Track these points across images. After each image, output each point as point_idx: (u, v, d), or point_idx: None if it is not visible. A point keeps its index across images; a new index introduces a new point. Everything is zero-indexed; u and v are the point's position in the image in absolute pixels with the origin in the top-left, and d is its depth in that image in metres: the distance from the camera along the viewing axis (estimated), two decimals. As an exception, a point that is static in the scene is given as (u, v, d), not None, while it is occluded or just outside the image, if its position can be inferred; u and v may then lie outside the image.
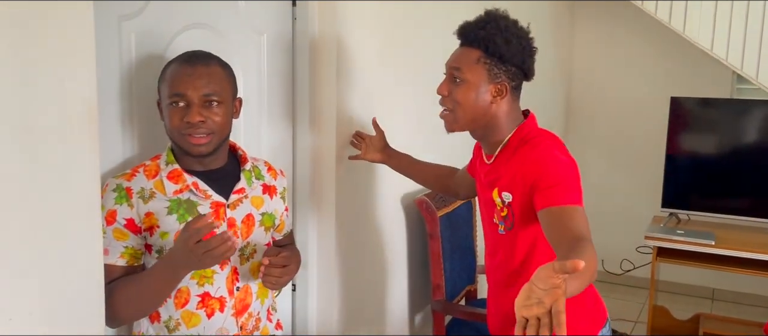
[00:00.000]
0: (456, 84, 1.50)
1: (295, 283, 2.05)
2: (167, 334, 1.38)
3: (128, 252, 1.34)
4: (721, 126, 3.51)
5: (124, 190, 1.33)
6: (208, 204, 1.38)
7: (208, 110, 1.33)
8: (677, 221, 3.47)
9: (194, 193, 1.37)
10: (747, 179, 3.39)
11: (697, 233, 3.17)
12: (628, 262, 4.43)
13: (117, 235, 1.32)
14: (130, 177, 1.35)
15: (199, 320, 1.38)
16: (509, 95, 1.51)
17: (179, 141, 1.35)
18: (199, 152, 1.35)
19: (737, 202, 3.40)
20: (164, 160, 1.39)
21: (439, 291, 2.45)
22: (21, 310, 1.01)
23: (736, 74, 3.94)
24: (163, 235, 1.34)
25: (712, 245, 3.05)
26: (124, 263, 1.34)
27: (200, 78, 1.32)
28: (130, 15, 1.43)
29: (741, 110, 3.49)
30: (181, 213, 1.35)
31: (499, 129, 1.52)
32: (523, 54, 1.49)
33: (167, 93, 1.33)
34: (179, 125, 1.32)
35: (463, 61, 1.49)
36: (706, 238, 3.10)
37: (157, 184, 1.35)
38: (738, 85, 4.15)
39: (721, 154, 3.52)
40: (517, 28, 1.50)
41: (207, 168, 1.41)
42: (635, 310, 4.19)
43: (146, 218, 1.33)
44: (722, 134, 3.51)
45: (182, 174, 1.37)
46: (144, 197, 1.34)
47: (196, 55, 1.37)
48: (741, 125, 3.45)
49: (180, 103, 1.32)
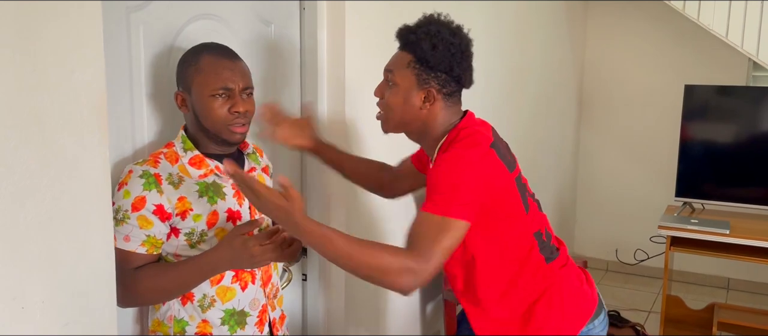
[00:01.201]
0: (389, 87, 1.49)
1: (305, 274, 2.06)
2: (201, 313, 1.42)
3: (150, 241, 1.36)
4: (736, 114, 3.47)
5: (153, 177, 1.35)
6: (230, 185, 1.45)
7: (247, 101, 1.42)
8: (691, 210, 3.44)
9: (218, 175, 1.44)
10: (762, 168, 3.35)
11: (712, 222, 3.15)
12: (641, 251, 4.40)
13: (141, 222, 1.34)
14: (154, 164, 1.38)
15: (234, 294, 1.44)
16: (441, 102, 1.46)
17: (221, 131, 1.41)
18: (237, 140, 1.44)
19: (752, 191, 3.37)
20: (181, 146, 1.43)
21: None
22: (33, 299, 1.02)
23: (752, 61, 3.88)
24: (195, 218, 1.38)
25: (726, 234, 3.02)
26: (145, 251, 1.36)
27: (241, 71, 1.42)
28: (138, 6, 1.44)
29: (756, 98, 3.45)
30: (210, 195, 1.41)
31: (432, 133, 1.49)
32: (451, 61, 1.43)
33: (209, 85, 1.37)
34: (225, 116, 1.39)
35: (396, 65, 1.48)
36: (720, 227, 3.07)
37: (182, 169, 1.40)
38: (753, 73, 4.10)
39: (735, 142, 3.48)
40: (452, 34, 1.44)
41: (225, 152, 1.48)
42: (649, 300, 4.16)
43: (179, 203, 1.37)
44: (737, 122, 3.47)
45: (204, 159, 1.43)
46: (173, 183, 1.37)
47: (225, 48, 1.44)
48: (756, 113, 3.41)
49: (224, 95, 1.39)
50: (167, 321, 1.43)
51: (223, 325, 1.44)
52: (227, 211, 1.43)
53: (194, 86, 1.39)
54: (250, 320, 1.48)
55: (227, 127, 1.40)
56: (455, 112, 1.50)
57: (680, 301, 3.55)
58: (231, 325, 1.45)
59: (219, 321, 1.43)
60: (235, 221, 1.44)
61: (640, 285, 4.37)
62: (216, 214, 1.41)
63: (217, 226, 1.41)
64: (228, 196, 1.44)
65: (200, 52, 1.41)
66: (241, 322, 1.46)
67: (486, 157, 1.40)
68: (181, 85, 1.42)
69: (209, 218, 1.40)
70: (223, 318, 1.44)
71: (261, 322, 1.50)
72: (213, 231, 1.40)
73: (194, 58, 1.40)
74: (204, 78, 1.37)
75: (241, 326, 1.46)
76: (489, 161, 1.40)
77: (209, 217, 1.40)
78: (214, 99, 1.38)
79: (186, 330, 1.42)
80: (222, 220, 1.42)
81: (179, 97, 1.42)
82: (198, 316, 1.42)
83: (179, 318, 1.42)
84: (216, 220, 1.41)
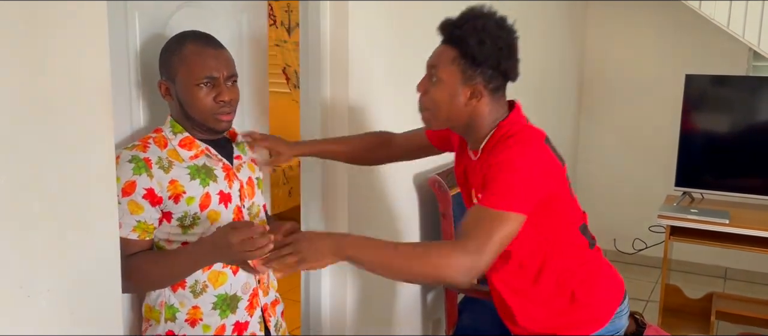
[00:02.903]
0: (433, 83, 1.44)
1: (307, 262, 2.06)
2: (193, 299, 1.42)
3: (141, 226, 1.36)
4: (736, 104, 3.47)
5: (143, 161, 1.35)
6: (220, 167, 1.46)
7: (231, 89, 1.42)
8: (691, 200, 3.44)
9: (209, 156, 1.44)
10: (762, 158, 3.35)
11: (711, 212, 3.15)
12: (640, 241, 4.41)
13: (132, 207, 1.34)
14: (143, 148, 1.38)
15: (226, 278, 1.45)
16: (487, 97, 1.43)
17: (207, 119, 1.41)
18: (223, 128, 1.45)
19: (752, 180, 3.37)
20: (170, 130, 1.43)
21: (451, 270, 2.46)
22: (38, 287, 1.01)
23: (753, 51, 3.88)
24: (189, 201, 1.39)
25: (726, 224, 3.03)
26: (136, 237, 1.36)
27: (225, 59, 1.42)
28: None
29: (757, 88, 3.45)
30: (202, 177, 1.41)
31: (479, 127, 1.46)
32: (498, 56, 1.39)
33: (194, 74, 1.37)
34: (211, 105, 1.39)
35: (440, 60, 1.43)
36: (719, 216, 3.08)
37: (171, 152, 1.40)
38: (754, 63, 4.09)
39: (735, 132, 3.48)
40: (498, 27, 1.41)
41: (212, 138, 1.48)
42: (647, 289, 4.18)
43: (171, 186, 1.37)
44: (737, 112, 3.47)
45: (194, 140, 1.43)
46: (164, 167, 1.37)
47: (208, 36, 1.43)
48: (756, 103, 3.41)
49: (209, 83, 1.39)
50: (158, 307, 1.43)
51: (214, 309, 1.44)
52: (219, 193, 1.43)
53: (178, 75, 1.38)
54: (241, 304, 1.48)
55: (213, 116, 1.41)
56: (501, 105, 1.48)
57: (679, 291, 3.56)
58: (222, 309, 1.45)
59: (210, 306, 1.44)
60: (226, 203, 1.44)
61: (639, 274, 4.39)
62: (209, 196, 1.41)
63: (210, 209, 1.41)
64: (219, 178, 1.45)
65: (183, 40, 1.40)
66: (232, 307, 1.46)
67: (542, 153, 1.41)
68: (165, 74, 1.41)
69: (202, 200, 1.40)
70: (215, 303, 1.44)
71: (251, 306, 1.50)
72: (206, 213, 1.40)
73: (177, 46, 1.39)
74: (188, 67, 1.37)
75: (233, 311, 1.47)
76: (545, 156, 1.41)
77: (202, 200, 1.40)
78: (199, 88, 1.38)
79: (176, 317, 1.43)
80: (214, 203, 1.42)
81: (163, 86, 1.42)
82: (189, 302, 1.42)
83: (170, 304, 1.43)
84: (209, 202, 1.41)
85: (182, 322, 1.43)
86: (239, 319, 1.48)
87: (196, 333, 1.43)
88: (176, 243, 1.41)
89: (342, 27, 1.95)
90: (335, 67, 1.98)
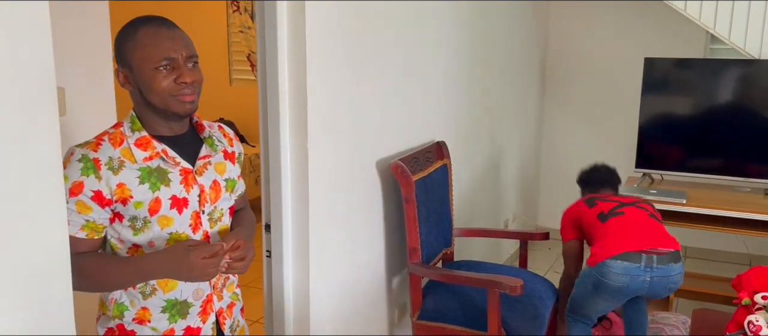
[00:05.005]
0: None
1: (269, 249, 2.05)
2: (142, 300, 1.40)
3: (89, 226, 1.33)
4: (695, 86, 3.55)
5: (92, 162, 1.31)
6: (177, 171, 1.39)
7: (193, 71, 1.37)
8: (651, 181, 3.52)
9: (164, 159, 1.38)
10: (719, 139, 3.44)
11: (669, 193, 3.23)
12: (603, 222, 4.48)
13: (80, 207, 1.31)
14: (95, 147, 1.33)
15: (175, 285, 1.42)
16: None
17: (168, 103, 1.35)
18: (186, 111, 1.37)
19: (709, 161, 3.46)
20: (129, 127, 1.38)
21: (416, 254, 2.47)
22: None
23: (710, 35, 3.96)
24: (136, 205, 1.34)
25: (683, 203, 3.10)
26: (85, 236, 1.34)
27: (181, 40, 1.36)
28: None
29: (714, 70, 3.53)
30: (152, 181, 1.35)
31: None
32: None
33: (151, 58, 1.32)
34: (171, 87, 1.34)
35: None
36: (677, 197, 3.15)
37: (125, 152, 1.34)
38: (711, 45, 4.18)
39: (694, 114, 3.56)
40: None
41: (175, 133, 1.42)
42: (610, 269, 4.26)
43: (118, 189, 1.32)
44: (695, 95, 3.55)
45: (151, 141, 1.37)
46: (113, 168, 1.32)
47: (161, 19, 1.37)
48: (714, 85, 3.49)
49: (168, 66, 1.33)
50: (108, 303, 1.42)
51: (163, 313, 1.41)
52: (171, 197, 1.37)
53: (135, 61, 1.34)
54: (193, 310, 1.45)
55: (174, 98, 1.34)
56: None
57: (639, 270, 3.64)
58: (171, 313, 1.42)
59: (159, 310, 1.41)
60: (180, 209, 1.39)
61: (602, 254, 4.47)
62: (158, 201, 1.36)
63: (159, 214, 1.36)
64: (173, 182, 1.38)
65: (136, 25, 1.35)
66: (182, 313, 1.43)
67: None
68: (121, 61, 1.36)
69: (151, 205, 1.35)
70: (163, 307, 1.41)
71: (204, 312, 1.47)
72: (155, 218, 1.36)
73: (131, 32, 1.35)
74: (144, 51, 1.32)
75: (183, 316, 1.44)
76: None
77: (151, 205, 1.35)
78: (158, 71, 1.32)
79: (124, 315, 1.41)
80: (165, 208, 1.36)
81: (121, 74, 1.37)
82: (138, 302, 1.40)
83: (120, 302, 1.41)
84: (158, 207, 1.36)
85: (129, 320, 1.41)
86: (191, 323, 1.45)
87: (143, 332, 1.41)
88: (127, 243, 1.38)
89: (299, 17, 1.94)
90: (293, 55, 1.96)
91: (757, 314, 1.87)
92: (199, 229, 1.43)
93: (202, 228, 1.43)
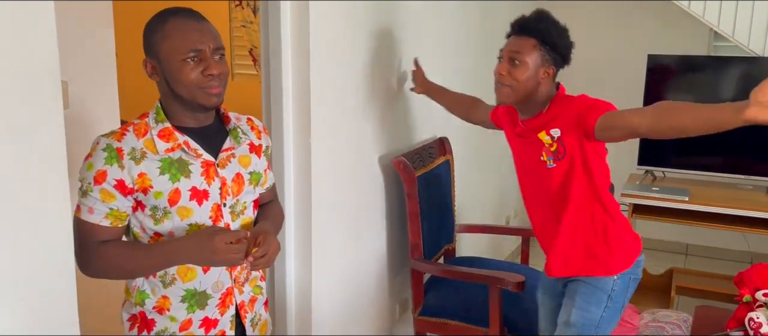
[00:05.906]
0: (514, 66, 1.84)
1: (272, 244, 2.05)
2: (162, 288, 1.42)
3: (113, 214, 1.35)
4: (698, 83, 3.53)
5: (115, 151, 1.32)
6: (199, 163, 1.40)
7: (220, 63, 1.37)
8: (653, 178, 3.51)
9: (186, 151, 1.39)
10: (721, 136, 3.39)
11: (672, 190, 3.22)
12: (605, 219, 4.48)
13: (104, 196, 1.33)
14: (120, 136, 1.35)
15: (195, 275, 1.43)
16: (552, 75, 1.89)
17: (195, 95, 1.36)
18: (213, 103, 1.38)
19: (711, 159, 3.45)
20: (154, 118, 1.39)
21: (417, 250, 2.47)
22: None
23: (713, 31, 3.95)
24: (157, 195, 1.36)
25: (686, 201, 3.10)
26: (109, 224, 1.35)
27: (209, 32, 1.36)
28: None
29: (717, 67, 3.51)
30: (173, 172, 1.37)
31: (539, 100, 1.89)
32: (568, 45, 1.90)
33: (178, 50, 1.33)
34: (198, 79, 1.34)
35: (523, 48, 1.84)
36: (680, 194, 3.15)
37: (148, 143, 1.36)
38: (715, 42, 4.17)
39: (696, 111, 3.54)
40: (563, 26, 1.90)
41: (201, 124, 1.43)
42: (611, 266, 4.26)
43: (139, 179, 1.34)
44: (698, 92, 3.54)
45: (173, 132, 1.38)
46: (135, 158, 1.34)
47: (190, 10, 1.38)
48: (717, 82, 3.48)
49: (196, 58, 1.34)
50: (131, 290, 1.45)
51: (182, 302, 1.43)
52: (191, 189, 1.38)
53: (162, 53, 1.34)
54: (211, 302, 1.46)
55: (202, 90, 1.35)
56: (554, 83, 1.94)
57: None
58: (190, 304, 1.44)
59: (179, 299, 1.43)
60: (200, 200, 1.40)
61: (603, 251, 4.47)
62: (178, 192, 1.37)
63: (179, 205, 1.37)
64: (194, 174, 1.39)
65: (165, 17, 1.36)
66: (201, 304, 1.45)
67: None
68: (149, 52, 1.37)
69: (170, 196, 1.36)
70: (183, 296, 1.43)
71: (223, 305, 1.48)
72: (175, 209, 1.37)
73: (160, 24, 1.35)
74: (172, 43, 1.33)
75: (201, 307, 1.45)
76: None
77: (170, 195, 1.36)
78: (185, 63, 1.33)
79: (145, 303, 1.43)
80: (185, 199, 1.38)
81: (149, 64, 1.38)
82: (159, 290, 1.42)
83: (142, 289, 1.43)
84: (178, 198, 1.37)
85: (150, 309, 1.43)
86: (208, 315, 1.46)
87: (162, 322, 1.43)
88: (149, 232, 1.39)
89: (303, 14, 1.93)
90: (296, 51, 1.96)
91: (758, 311, 1.87)
92: (220, 221, 1.44)
93: (224, 220, 1.44)
